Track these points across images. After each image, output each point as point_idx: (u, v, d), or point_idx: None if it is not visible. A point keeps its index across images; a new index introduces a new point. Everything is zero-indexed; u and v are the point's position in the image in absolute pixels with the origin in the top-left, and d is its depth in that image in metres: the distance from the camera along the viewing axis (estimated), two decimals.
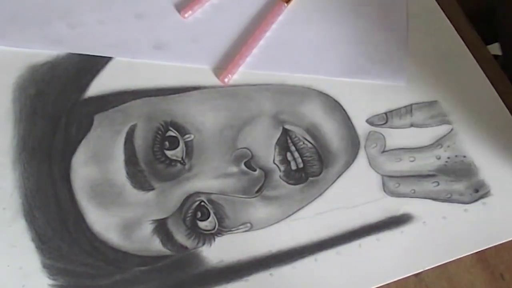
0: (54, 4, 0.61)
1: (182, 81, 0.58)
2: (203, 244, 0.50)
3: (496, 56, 0.79)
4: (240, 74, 0.58)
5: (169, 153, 0.54)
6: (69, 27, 0.60)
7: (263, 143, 0.55)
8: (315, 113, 0.56)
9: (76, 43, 0.59)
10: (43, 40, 0.59)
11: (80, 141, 0.54)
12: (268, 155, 0.54)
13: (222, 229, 0.51)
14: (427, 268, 0.49)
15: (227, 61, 0.59)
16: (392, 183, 0.53)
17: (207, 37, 0.60)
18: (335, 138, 0.55)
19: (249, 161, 0.54)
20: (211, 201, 0.52)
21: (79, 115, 0.56)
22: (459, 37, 0.63)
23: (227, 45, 0.60)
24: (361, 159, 0.54)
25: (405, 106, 0.57)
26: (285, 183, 0.53)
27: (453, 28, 0.63)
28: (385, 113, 0.57)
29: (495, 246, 0.51)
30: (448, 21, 0.64)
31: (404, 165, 0.54)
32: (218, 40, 0.60)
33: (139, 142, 0.54)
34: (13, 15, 0.60)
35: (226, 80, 0.57)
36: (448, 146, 0.55)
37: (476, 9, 0.58)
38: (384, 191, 0.53)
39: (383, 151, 0.55)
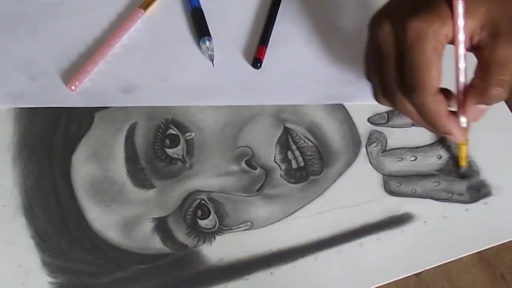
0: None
1: None
2: (204, 242, 0.50)
3: None
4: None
5: (169, 151, 0.54)
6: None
7: (264, 142, 0.54)
8: (316, 112, 0.56)
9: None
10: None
11: (80, 139, 0.54)
12: (269, 154, 0.54)
13: (222, 227, 0.51)
14: (427, 268, 0.49)
15: (77, 68, 0.58)
16: (393, 182, 0.53)
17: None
18: (336, 137, 0.55)
19: (250, 160, 0.54)
20: (211, 200, 0.52)
21: (79, 112, 0.56)
22: None
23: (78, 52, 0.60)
24: (362, 158, 0.54)
25: None
26: (285, 182, 0.53)
27: None
28: (387, 112, 0.57)
29: (496, 246, 0.50)
30: None
31: (405, 164, 0.54)
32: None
33: (140, 140, 0.54)
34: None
35: (72, 87, 0.57)
36: (450, 146, 0.55)
37: None
38: (385, 190, 0.53)
39: (384, 150, 0.55)
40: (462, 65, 0.46)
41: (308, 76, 0.59)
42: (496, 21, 0.45)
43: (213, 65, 0.59)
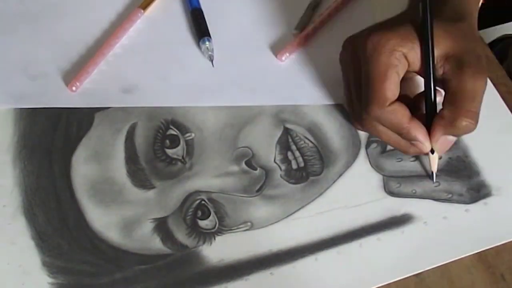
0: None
1: None
2: (204, 243, 0.50)
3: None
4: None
5: (169, 151, 0.54)
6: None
7: (264, 142, 0.54)
8: (316, 112, 0.56)
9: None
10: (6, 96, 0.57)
11: (80, 139, 0.54)
12: (269, 154, 0.54)
13: (222, 228, 0.51)
14: (427, 268, 0.49)
15: (77, 69, 0.58)
16: (393, 183, 0.53)
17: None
18: (336, 138, 0.55)
19: (250, 160, 0.54)
20: (211, 200, 0.52)
21: (79, 113, 0.56)
22: None
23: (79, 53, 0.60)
24: (362, 159, 0.54)
25: None
26: (285, 182, 0.53)
27: None
28: None
29: (496, 246, 0.50)
30: None
31: (405, 165, 0.54)
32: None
33: (140, 140, 0.54)
34: None
35: (74, 88, 0.56)
36: None
37: None
38: (385, 191, 0.53)
39: (384, 151, 0.55)
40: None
41: (308, 76, 0.59)
42: (461, 55, 0.46)
43: (213, 65, 0.59)
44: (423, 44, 0.47)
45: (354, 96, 0.50)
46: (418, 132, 0.48)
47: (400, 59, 0.47)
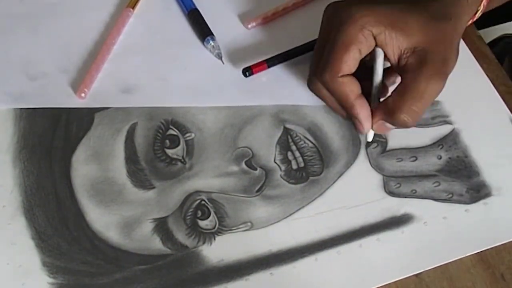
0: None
1: None
2: (203, 243, 0.50)
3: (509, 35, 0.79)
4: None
5: (169, 151, 0.54)
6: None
7: (264, 142, 0.54)
8: (316, 113, 0.56)
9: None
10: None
11: (80, 139, 0.54)
12: (269, 154, 0.54)
13: (222, 228, 0.51)
14: (427, 268, 0.49)
15: (82, 75, 0.57)
16: (393, 183, 0.53)
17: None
18: (336, 138, 0.55)
19: (250, 160, 0.54)
20: (211, 200, 0.52)
21: (79, 113, 0.56)
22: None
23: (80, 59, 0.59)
24: (362, 159, 0.54)
25: None
26: (285, 183, 0.53)
27: None
28: None
29: (495, 246, 0.51)
30: None
31: (405, 165, 0.54)
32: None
33: (140, 140, 0.54)
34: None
35: (82, 95, 0.56)
36: (450, 146, 0.55)
37: None
38: (385, 191, 0.53)
39: (384, 151, 0.55)
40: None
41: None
42: (426, 53, 0.46)
43: (223, 62, 0.59)
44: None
45: (315, 56, 0.50)
46: (361, 111, 0.48)
47: (367, 38, 0.46)
